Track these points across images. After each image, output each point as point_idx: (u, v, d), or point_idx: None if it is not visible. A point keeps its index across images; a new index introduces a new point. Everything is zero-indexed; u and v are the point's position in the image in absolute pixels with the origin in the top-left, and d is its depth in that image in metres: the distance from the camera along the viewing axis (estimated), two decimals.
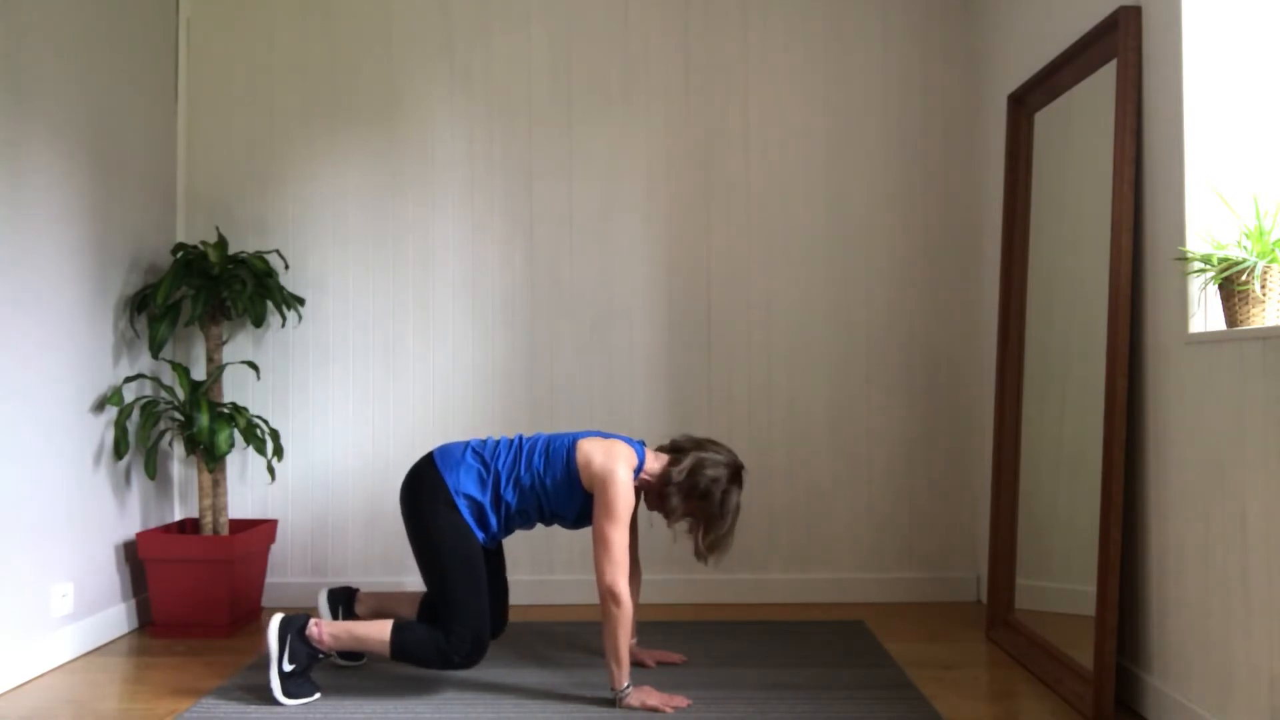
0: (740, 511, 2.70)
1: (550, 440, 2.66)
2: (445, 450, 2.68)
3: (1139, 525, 2.48)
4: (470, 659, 2.53)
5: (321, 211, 3.69)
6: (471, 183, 3.68)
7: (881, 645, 3.04)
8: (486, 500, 2.61)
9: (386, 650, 2.54)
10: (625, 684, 2.49)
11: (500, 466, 2.63)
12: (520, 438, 2.71)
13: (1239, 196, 2.24)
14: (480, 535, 2.62)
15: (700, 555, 2.66)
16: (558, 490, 2.61)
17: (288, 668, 2.54)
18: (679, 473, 2.60)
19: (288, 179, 3.69)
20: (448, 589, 2.55)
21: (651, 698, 2.48)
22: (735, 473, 2.65)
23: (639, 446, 2.67)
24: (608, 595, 2.47)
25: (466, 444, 2.70)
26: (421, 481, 2.63)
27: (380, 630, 2.55)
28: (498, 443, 2.69)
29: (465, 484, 2.61)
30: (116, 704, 2.59)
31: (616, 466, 2.55)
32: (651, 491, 2.68)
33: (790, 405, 3.66)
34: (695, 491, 2.60)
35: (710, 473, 2.61)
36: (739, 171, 3.68)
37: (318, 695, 2.59)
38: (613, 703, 2.51)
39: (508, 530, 2.68)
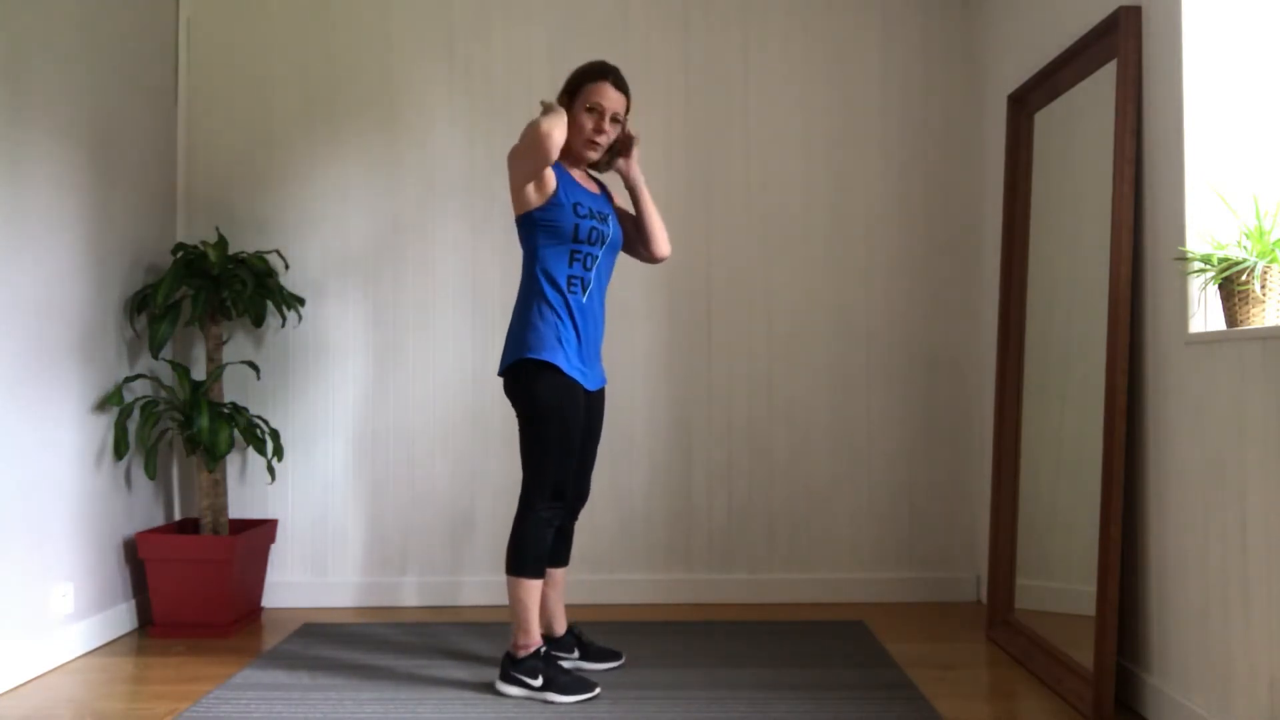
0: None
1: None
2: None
3: (1139, 525, 2.48)
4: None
5: (321, 211, 3.69)
6: (471, 182, 3.68)
7: (881, 645, 3.04)
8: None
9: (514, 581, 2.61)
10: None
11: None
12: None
13: (1239, 196, 2.24)
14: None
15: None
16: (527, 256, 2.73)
17: (538, 683, 2.56)
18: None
19: (288, 179, 3.69)
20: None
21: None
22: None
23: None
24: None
25: None
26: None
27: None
28: None
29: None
30: (117, 704, 2.59)
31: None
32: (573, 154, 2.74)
33: (790, 405, 3.66)
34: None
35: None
36: (739, 171, 3.68)
37: (597, 690, 2.58)
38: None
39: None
